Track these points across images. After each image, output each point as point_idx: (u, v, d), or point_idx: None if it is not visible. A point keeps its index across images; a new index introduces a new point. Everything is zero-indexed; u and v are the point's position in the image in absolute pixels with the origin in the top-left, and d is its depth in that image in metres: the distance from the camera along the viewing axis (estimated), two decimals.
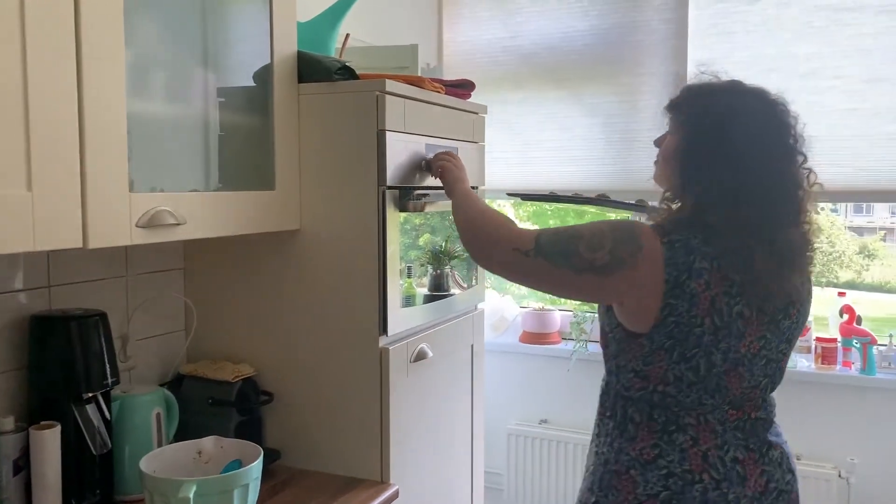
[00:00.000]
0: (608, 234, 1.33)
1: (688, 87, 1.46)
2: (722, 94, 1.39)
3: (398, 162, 1.74)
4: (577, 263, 1.33)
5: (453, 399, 2.10)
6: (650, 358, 1.34)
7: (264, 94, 1.69)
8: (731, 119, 1.34)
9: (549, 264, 1.36)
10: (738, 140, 1.32)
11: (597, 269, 1.32)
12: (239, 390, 1.77)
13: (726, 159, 1.32)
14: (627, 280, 1.30)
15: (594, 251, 1.32)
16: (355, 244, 1.72)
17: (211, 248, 1.88)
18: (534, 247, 1.37)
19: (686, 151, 1.37)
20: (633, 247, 1.30)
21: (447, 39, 3.24)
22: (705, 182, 1.33)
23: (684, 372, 1.32)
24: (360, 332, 1.73)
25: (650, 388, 1.35)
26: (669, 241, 1.30)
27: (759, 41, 2.81)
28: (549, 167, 3.16)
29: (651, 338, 1.32)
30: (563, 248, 1.35)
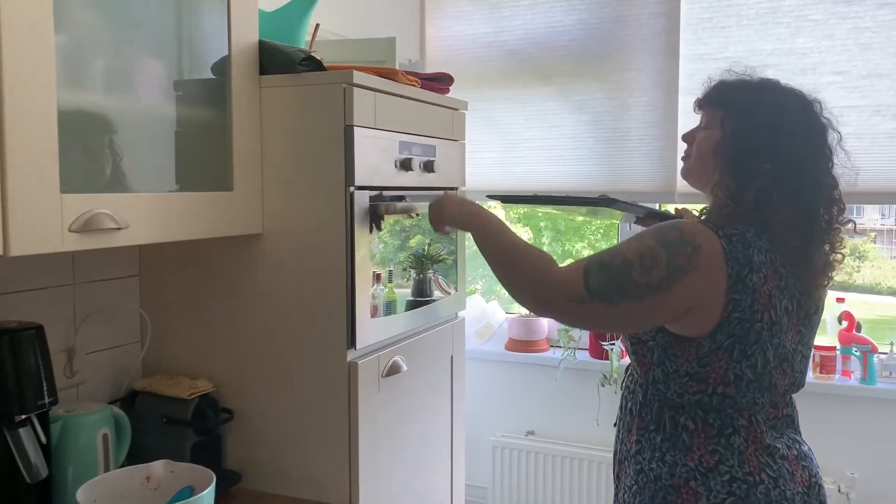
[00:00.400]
0: (658, 247, 1.25)
1: (722, 82, 1.43)
2: (764, 90, 1.38)
3: (369, 160, 1.61)
4: (636, 292, 1.25)
5: (431, 414, 1.97)
6: (708, 359, 1.28)
7: (223, 87, 1.55)
8: (780, 116, 1.33)
9: (607, 305, 1.27)
10: (790, 138, 1.31)
11: (657, 288, 1.24)
12: (195, 408, 1.63)
13: (782, 157, 1.30)
14: (691, 286, 1.24)
15: (649, 271, 1.24)
16: (321, 250, 1.58)
17: (169, 253, 1.74)
18: (586, 292, 1.27)
19: (736, 147, 1.33)
20: (688, 249, 1.24)
21: (430, 34, 3.10)
22: (764, 179, 1.29)
23: (744, 370, 1.28)
24: (327, 345, 1.59)
25: (708, 390, 1.30)
26: (726, 234, 1.26)
27: (754, 35, 2.69)
28: (536, 167, 3.03)
29: (712, 338, 1.27)
30: (617, 283, 1.25)
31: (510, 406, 3.10)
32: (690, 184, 1.47)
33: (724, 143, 1.34)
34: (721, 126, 1.36)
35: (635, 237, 1.31)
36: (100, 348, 1.70)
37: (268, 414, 1.67)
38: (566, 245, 4.07)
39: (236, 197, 1.56)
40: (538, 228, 4.85)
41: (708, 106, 1.42)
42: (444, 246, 2.02)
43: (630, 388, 1.44)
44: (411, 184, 1.78)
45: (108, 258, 1.71)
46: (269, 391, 1.66)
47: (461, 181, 2.06)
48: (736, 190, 1.30)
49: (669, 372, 1.32)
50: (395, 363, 1.73)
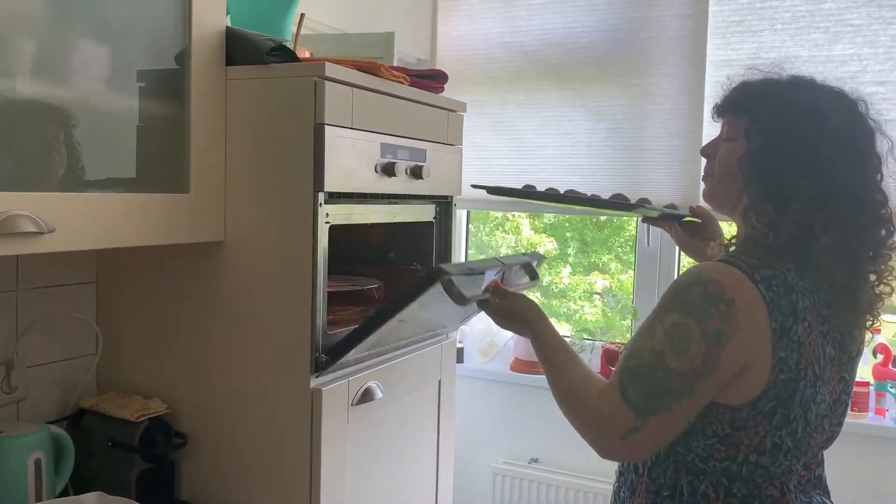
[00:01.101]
0: (683, 317, 1.05)
1: (745, 83, 1.20)
2: (797, 90, 1.14)
3: (343, 163, 1.44)
4: (683, 385, 1.05)
5: (411, 447, 1.79)
6: (742, 423, 1.08)
7: (184, 78, 1.40)
8: (818, 120, 1.10)
9: (662, 416, 1.06)
10: (832, 146, 1.08)
11: (702, 369, 1.04)
12: (144, 432, 1.47)
13: (824, 171, 1.08)
14: (736, 348, 1.04)
15: (684, 353, 1.04)
16: (284, 262, 1.42)
17: (127, 259, 1.59)
18: (634, 414, 1.06)
19: (766, 162, 1.11)
20: (721, 306, 1.04)
21: (441, 33, 2.93)
22: (802, 200, 1.07)
23: (784, 438, 1.09)
24: (288, 369, 1.42)
25: (739, 457, 1.09)
26: (763, 278, 1.06)
27: (788, 41, 2.48)
28: (549, 176, 2.84)
29: (754, 404, 1.06)
30: (659, 385, 1.05)
31: (513, 431, 2.90)
32: (713, 207, 1.26)
33: (752, 157, 1.13)
34: (746, 137, 1.15)
35: (653, 315, 1.09)
36: (45, 361, 1.55)
37: (226, 441, 1.50)
38: (592, 257, 3.87)
39: (194, 200, 1.40)
40: (564, 239, 4.67)
41: (729, 113, 1.20)
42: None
43: None
44: (395, 191, 1.61)
45: (61, 263, 1.56)
46: (227, 416, 1.50)
47: (456, 189, 1.89)
48: (774, 216, 1.09)
49: (692, 432, 1.11)
50: (369, 389, 1.55)
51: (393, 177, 1.58)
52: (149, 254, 1.53)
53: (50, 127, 1.23)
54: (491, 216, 3.74)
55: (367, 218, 1.60)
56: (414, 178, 1.66)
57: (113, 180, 1.35)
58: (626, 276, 3.43)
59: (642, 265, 2.83)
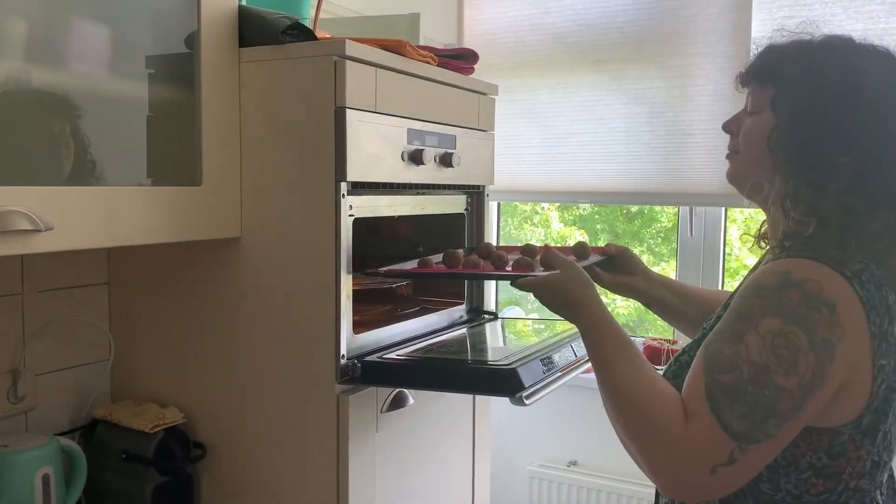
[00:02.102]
0: (787, 325, 0.88)
1: (772, 46, 1.03)
2: (832, 52, 0.98)
3: (367, 151, 1.32)
4: (791, 407, 0.87)
5: (446, 453, 1.67)
6: (842, 448, 0.93)
7: (194, 62, 1.29)
8: (857, 86, 0.94)
9: (764, 444, 0.88)
10: (876, 114, 0.93)
11: (811, 385, 0.87)
12: (160, 444, 1.38)
13: (867, 144, 0.93)
14: (841, 361, 0.89)
15: (794, 367, 0.87)
16: (305, 259, 1.31)
17: (139, 259, 1.49)
18: (734, 442, 0.87)
19: (798, 137, 0.96)
20: (825, 311, 0.88)
21: (468, 16, 2.80)
22: (842, 179, 0.93)
23: (882, 454, 0.96)
24: (312, 375, 1.32)
25: (839, 487, 0.94)
26: (854, 274, 0.91)
27: (841, 13, 2.31)
28: (584, 165, 2.70)
29: (857, 424, 0.92)
30: (764, 408, 0.87)
31: (551, 433, 2.77)
32: (739, 189, 1.08)
33: (781, 132, 0.98)
34: (773, 108, 0.99)
35: (734, 317, 0.92)
36: (54, 368, 1.45)
37: (247, 453, 1.40)
38: None
39: (207, 193, 1.30)
40: (594, 231, 4.54)
41: (754, 81, 1.04)
42: None
43: None
44: (423, 180, 1.49)
45: (70, 263, 1.47)
46: (248, 426, 1.40)
47: (489, 179, 1.76)
48: (813, 201, 0.94)
49: (780, 466, 0.94)
50: (400, 395, 1.44)
51: (421, 165, 1.46)
52: (162, 252, 1.43)
53: (52, 117, 1.13)
54: (519, 209, 3.62)
55: (394, 210, 1.49)
56: (443, 166, 1.54)
57: (119, 173, 1.25)
58: (658, 269, 3.29)
59: (685, 256, 2.68)
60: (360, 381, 1.32)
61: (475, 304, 1.77)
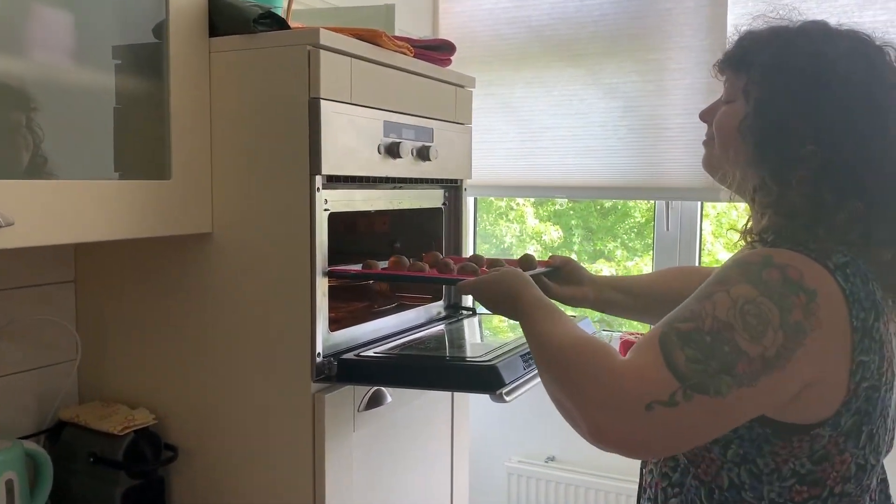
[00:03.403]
0: (762, 297, 0.84)
1: (749, 33, 1.01)
2: (803, 38, 0.95)
3: (342, 143, 1.29)
4: (746, 371, 0.82)
5: (425, 451, 1.64)
6: (825, 452, 0.89)
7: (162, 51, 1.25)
8: (825, 73, 0.92)
9: (710, 399, 0.81)
10: (842, 103, 0.90)
11: (774, 361, 0.83)
12: (129, 446, 1.34)
13: (833, 132, 0.90)
14: (812, 353, 0.85)
15: (760, 336, 0.82)
16: (278, 254, 1.27)
17: (107, 255, 1.45)
18: (679, 385, 0.81)
19: (763, 125, 0.94)
20: (802, 296, 0.85)
21: (443, 8, 2.77)
22: (806, 168, 0.90)
23: (868, 456, 0.92)
24: (287, 374, 1.28)
25: (823, 494, 0.91)
26: (838, 266, 0.88)
27: (815, 7, 2.30)
28: (560, 160, 2.68)
29: (835, 423, 0.88)
30: (720, 361, 0.82)
31: (528, 428, 2.76)
32: (717, 180, 1.05)
33: (750, 119, 0.96)
34: (745, 96, 0.97)
35: (712, 283, 0.89)
36: (18, 370, 1.40)
37: (220, 454, 1.36)
38: (598, 244, 3.73)
39: (176, 187, 1.26)
40: (569, 227, 4.53)
41: (729, 69, 1.02)
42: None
43: (670, 479, 1.00)
44: (400, 174, 1.46)
45: (34, 261, 1.42)
46: (221, 426, 1.36)
47: (466, 173, 1.74)
48: (779, 189, 0.92)
49: (763, 473, 0.91)
50: (377, 393, 1.41)
51: (398, 158, 1.43)
52: (131, 249, 1.39)
53: (11, 107, 1.09)
54: (495, 204, 3.60)
55: (370, 204, 1.46)
56: (420, 159, 1.52)
57: (85, 166, 1.21)
58: (631, 264, 3.30)
59: (661, 250, 2.68)
60: (336, 379, 1.29)
61: (453, 301, 1.75)
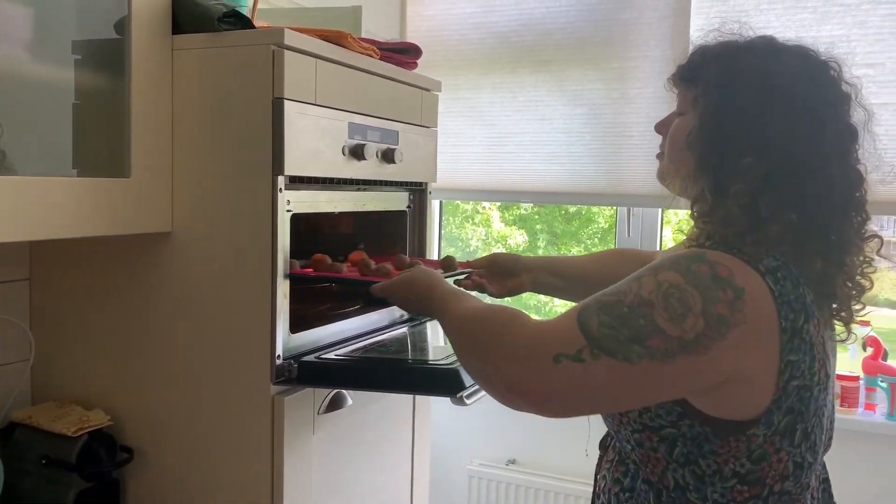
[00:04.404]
0: (688, 285, 0.87)
1: (701, 47, 1.04)
2: (751, 52, 0.99)
3: (306, 144, 1.28)
4: (660, 347, 0.84)
5: (385, 454, 1.64)
6: (763, 450, 0.92)
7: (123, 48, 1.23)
8: (769, 87, 0.94)
9: (618, 363, 0.85)
10: (784, 117, 0.93)
11: (692, 345, 0.85)
12: (83, 448, 1.31)
13: (773, 146, 0.93)
14: (734, 347, 0.87)
15: (681, 319, 0.85)
16: (240, 255, 1.26)
17: (63, 254, 1.42)
18: (585, 341, 0.85)
19: (707, 137, 0.97)
20: (729, 292, 0.87)
21: (411, 12, 2.78)
22: (744, 180, 0.92)
23: (805, 455, 0.95)
24: (246, 376, 1.27)
25: (764, 493, 0.93)
26: (769, 269, 0.91)
27: (775, 21, 2.37)
28: (526, 165, 2.70)
29: (768, 421, 0.90)
30: (633, 329, 0.85)
31: (489, 431, 2.77)
32: (670, 191, 1.09)
33: (696, 132, 0.98)
34: (694, 109, 1.00)
35: (645, 271, 0.91)
36: None
37: (177, 456, 1.35)
38: (562, 248, 3.77)
39: (136, 185, 1.24)
40: (534, 231, 4.56)
41: (681, 83, 1.05)
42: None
43: (622, 484, 1.03)
44: (364, 176, 1.46)
45: None
46: (178, 428, 1.34)
47: (431, 176, 1.74)
48: (714, 201, 0.95)
49: (706, 475, 0.94)
50: (338, 396, 1.40)
51: (362, 160, 1.43)
52: (88, 247, 1.37)
53: None
54: (461, 208, 3.61)
55: (334, 206, 1.45)
56: (385, 162, 1.51)
57: (42, 163, 1.19)
58: None
59: None
60: (296, 381, 1.28)
61: None
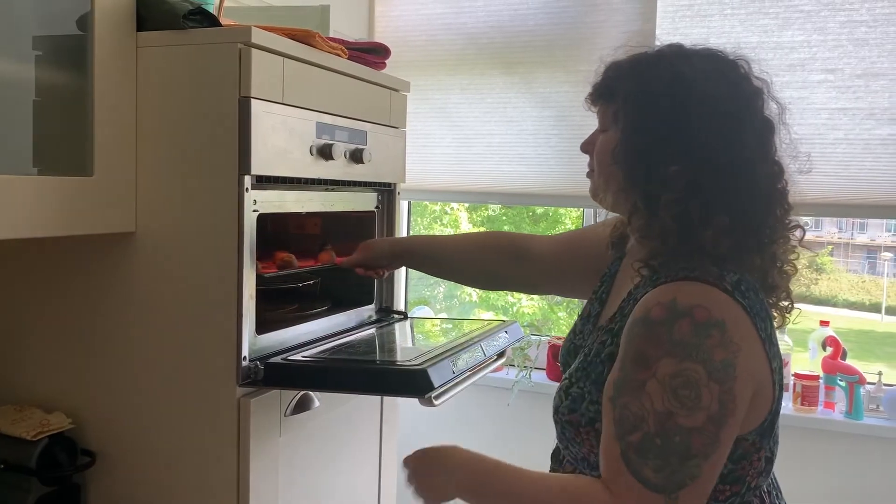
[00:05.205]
0: (687, 363, 0.87)
1: (613, 63, 1.05)
2: (662, 61, 1.00)
3: (273, 143, 1.27)
4: (706, 443, 0.86)
5: (353, 456, 1.63)
6: (745, 452, 0.94)
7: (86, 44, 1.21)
8: (683, 93, 0.95)
9: (694, 485, 0.86)
10: (702, 120, 0.94)
11: (720, 415, 0.86)
12: (43, 451, 1.28)
13: (695, 150, 0.94)
14: (743, 379, 0.89)
15: (697, 406, 0.86)
16: (205, 255, 1.25)
17: (23, 254, 1.39)
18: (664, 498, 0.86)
19: (631, 150, 0.98)
20: (715, 334, 0.88)
21: (379, 12, 2.77)
22: (674, 188, 0.93)
23: (773, 449, 0.99)
24: (211, 377, 1.26)
25: (743, 490, 0.95)
26: (734, 285, 0.91)
27: (738, 26, 2.41)
28: (494, 166, 2.71)
29: (761, 426, 0.94)
30: (678, 455, 0.86)
31: (455, 434, 2.77)
32: (604, 207, 1.10)
33: (620, 146, 1.00)
34: (615, 124, 1.01)
35: (632, 364, 0.90)
36: None
37: (140, 460, 1.32)
38: None
39: (98, 184, 1.22)
40: None
41: (599, 100, 1.06)
42: None
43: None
44: (332, 176, 1.45)
45: None
46: (142, 431, 1.32)
47: (400, 176, 1.74)
48: (648, 213, 0.96)
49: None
50: (305, 398, 1.39)
51: (330, 160, 1.42)
52: (49, 247, 1.34)
53: None
54: (429, 208, 3.61)
55: (301, 206, 1.44)
56: (354, 162, 1.51)
57: (1, 160, 1.16)
58: None
59: None
60: (262, 383, 1.27)
61: (384, 304, 1.75)
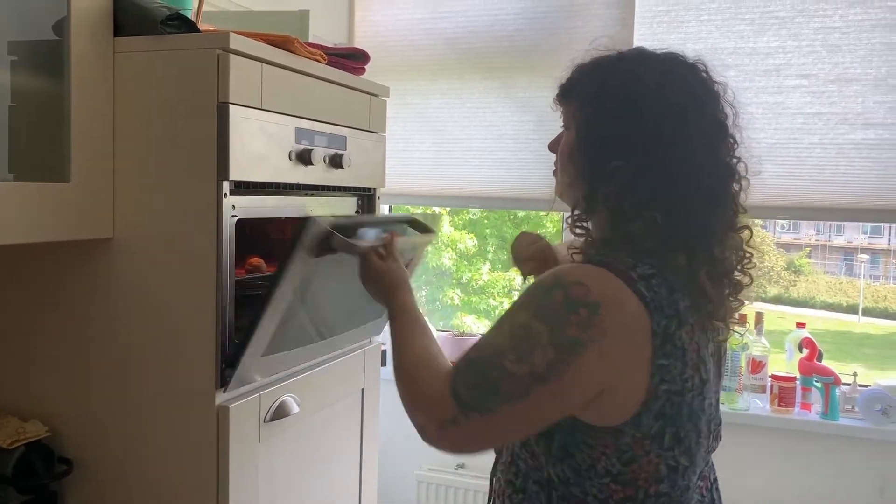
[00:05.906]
0: (533, 320, 0.93)
1: (578, 65, 1.07)
2: (622, 63, 1.02)
3: (252, 149, 1.27)
4: (515, 388, 0.92)
5: (333, 461, 1.63)
6: (632, 453, 0.94)
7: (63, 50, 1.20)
8: (635, 93, 0.98)
9: (484, 416, 0.93)
10: (651, 120, 0.96)
11: (543, 376, 0.91)
12: (19, 460, 1.27)
13: (640, 148, 0.96)
14: (595, 362, 0.91)
15: (527, 356, 0.91)
16: (183, 261, 1.24)
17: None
18: (457, 406, 0.94)
19: (582, 146, 1.00)
20: (582, 311, 0.91)
21: (359, 17, 2.78)
22: (614, 183, 0.96)
23: (679, 458, 0.96)
24: (190, 383, 1.25)
25: (639, 495, 0.96)
26: (642, 276, 0.94)
27: (715, 32, 2.44)
28: (474, 170, 2.72)
29: (636, 423, 0.93)
30: (489, 384, 0.93)
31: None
32: (567, 204, 1.10)
33: (573, 143, 1.03)
34: (574, 123, 1.04)
35: (509, 309, 0.98)
36: None
37: (118, 467, 1.32)
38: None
39: (76, 190, 1.21)
40: (483, 236, 4.58)
41: (563, 100, 1.09)
42: None
43: (514, 485, 1.04)
44: (312, 181, 1.45)
45: None
46: (120, 439, 1.31)
47: (380, 181, 1.74)
48: (587, 205, 0.99)
49: (582, 469, 0.97)
50: (284, 404, 1.39)
51: (309, 165, 1.42)
52: (25, 253, 1.33)
53: None
54: (411, 212, 3.62)
55: (281, 212, 1.44)
56: (333, 167, 1.51)
57: None
58: None
59: None
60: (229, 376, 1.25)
61: None
